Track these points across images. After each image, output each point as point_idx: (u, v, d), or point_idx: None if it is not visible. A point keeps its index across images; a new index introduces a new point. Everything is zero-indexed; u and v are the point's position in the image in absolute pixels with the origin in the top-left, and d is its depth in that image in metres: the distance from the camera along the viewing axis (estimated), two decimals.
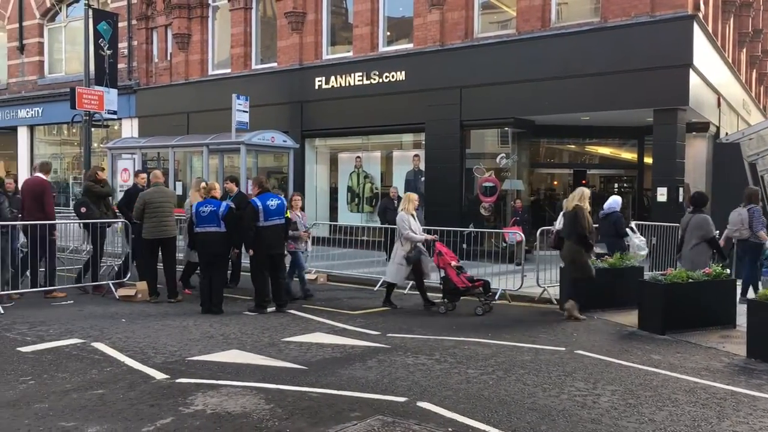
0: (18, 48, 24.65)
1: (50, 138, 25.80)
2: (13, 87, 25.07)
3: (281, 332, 8.34)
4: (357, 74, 17.10)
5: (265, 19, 19.84)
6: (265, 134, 15.81)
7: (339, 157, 18.81)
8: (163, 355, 7.13)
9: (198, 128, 19.20)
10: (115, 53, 19.34)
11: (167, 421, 5.09)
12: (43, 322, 8.65)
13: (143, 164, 17.57)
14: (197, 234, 9.63)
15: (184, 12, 20.31)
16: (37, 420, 5.10)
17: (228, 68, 19.99)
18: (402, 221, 10.08)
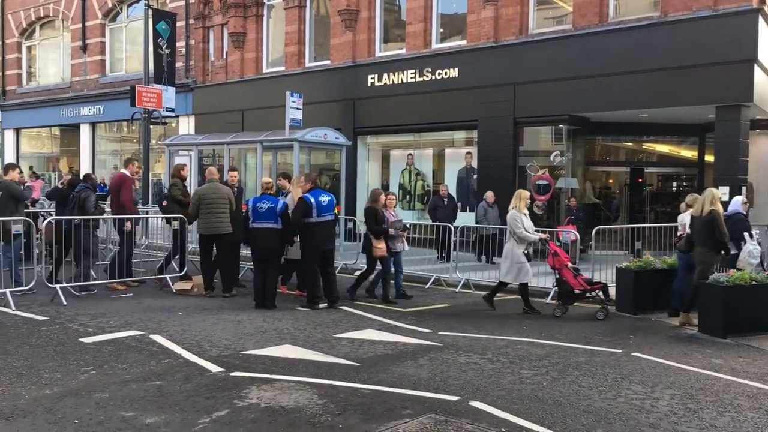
0: (81, 47, 25.41)
1: (110, 135, 26.53)
2: (76, 85, 25.86)
3: (333, 328, 8.39)
4: (409, 71, 17.08)
5: (319, 17, 19.99)
6: (318, 131, 15.93)
7: (391, 155, 18.83)
8: (218, 348, 7.25)
9: (252, 125, 19.47)
10: (173, 52, 19.76)
11: (222, 414, 5.17)
12: (103, 314, 8.90)
13: (199, 161, 17.92)
14: (252, 230, 9.74)
15: (239, 11, 20.61)
16: (98, 409, 5.25)
17: (282, 66, 20.21)
18: (515, 220, 9.80)
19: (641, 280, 9.85)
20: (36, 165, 27.88)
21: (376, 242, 10.18)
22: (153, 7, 19.60)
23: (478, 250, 13.80)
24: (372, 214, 10.25)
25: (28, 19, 27.69)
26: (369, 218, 10.28)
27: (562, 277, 9.62)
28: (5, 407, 5.24)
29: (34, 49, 28.54)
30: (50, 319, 8.52)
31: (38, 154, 29.22)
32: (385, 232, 10.28)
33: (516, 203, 9.96)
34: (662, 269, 9.99)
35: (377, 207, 10.33)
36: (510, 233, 9.99)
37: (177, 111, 20.03)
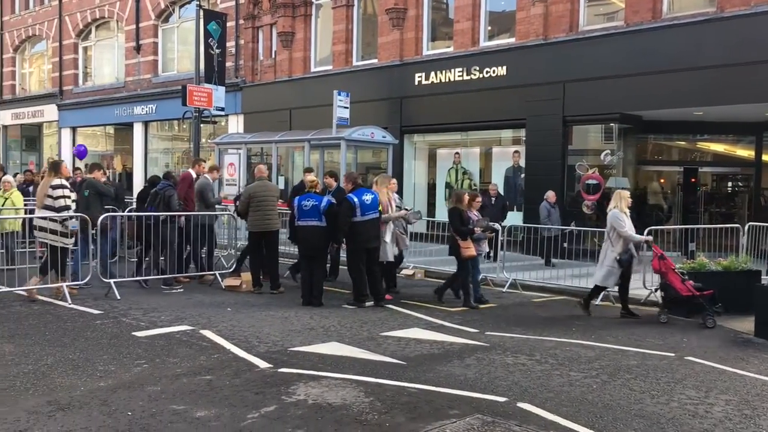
0: (135, 48, 26.00)
1: (162, 133, 27.07)
2: (129, 85, 26.47)
3: (379, 326, 8.40)
4: (457, 70, 16.99)
5: (366, 16, 20.04)
6: (364, 130, 15.98)
7: (437, 153, 18.77)
8: (266, 344, 7.33)
9: (300, 124, 19.63)
10: (224, 52, 20.06)
11: (271, 409, 5.23)
12: (155, 308, 9.09)
13: (248, 159, 18.17)
14: (298, 227, 9.83)
15: (288, 11, 20.81)
16: (150, 402, 5.36)
17: (329, 65, 20.33)
18: (617, 219, 9.41)
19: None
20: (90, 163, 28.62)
21: (463, 243, 9.89)
22: (204, 7, 19.93)
23: (546, 252, 13.34)
24: (457, 214, 9.99)
25: (84, 20, 28.46)
26: (454, 219, 10.00)
27: (667, 281, 9.19)
28: (62, 398, 5.40)
29: (90, 50, 29.30)
30: (104, 313, 8.74)
31: (93, 152, 29.92)
32: (471, 232, 10.03)
33: (617, 203, 9.55)
34: (717, 272, 9.73)
35: (462, 207, 10.11)
36: (606, 235, 9.56)
37: (226, 110, 20.31)
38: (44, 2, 30.64)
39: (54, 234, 9.53)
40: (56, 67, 29.71)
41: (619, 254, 9.37)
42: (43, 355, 6.68)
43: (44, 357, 6.60)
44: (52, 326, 7.93)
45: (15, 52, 32.61)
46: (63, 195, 9.60)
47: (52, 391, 5.59)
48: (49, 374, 6.04)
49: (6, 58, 32.82)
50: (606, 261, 9.50)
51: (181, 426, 4.87)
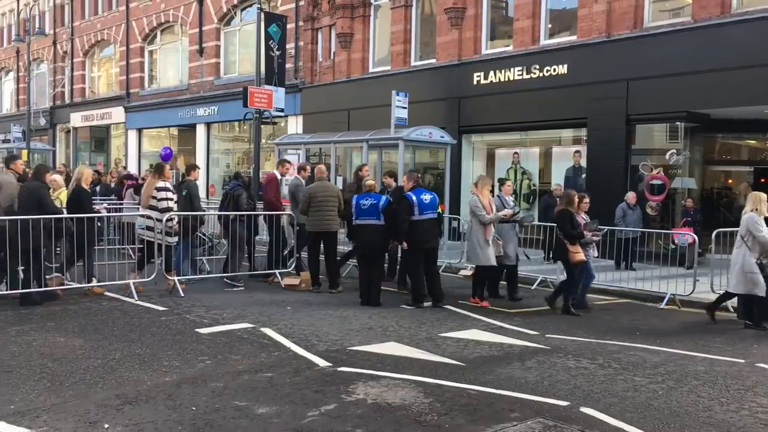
0: (198, 51, 26.59)
1: (223, 134, 27.61)
2: (193, 87, 27.09)
3: (438, 327, 8.36)
4: (516, 68, 16.79)
5: (424, 16, 20.00)
6: (422, 130, 15.94)
7: (496, 153, 18.59)
8: (325, 343, 7.39)
9: (358, 124, 19.72)
10: (284, 54, 20.31)
11: (330, 408, 5.26)
12: (218, 306, 9.27)
13: (306, 159, 18.34)
14: (356, 226, 9.86)
15: (347, 12, 20.95)
16: (213, 397, 5.47)
17: (388, 65, 20.37)
18: (755, 223, 8.79)
19: None
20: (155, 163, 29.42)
21: (572, 248, 9.46)
22: (265, 10, 20.22)
23: (616, 255, 12.95)
24: (567, 217, 9.55)
25: (150, 25, 29.27)
26: (564, 222, 9.54)
27: None
28: (130, 392, 5.55)
29: (155, 54, 30.13)
30: (169, 309, 8.96)
31: (157, 153, 30.81)
32: (581, 236, 9.60)
33: (756, 205, 8.94)
34: None
35: (572, 210, 9.69)
36: (740, 239, 9.01)
37: (286, 111, 20.54)
38: (112, 8, 31.66)
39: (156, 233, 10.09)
40: (123, 71, 30.66)
41: (758, 259, 8.82)
42: (111, 349, 6.89)
43: (112, 351, 6.80)
44: (119, 322, 8.18)
45: (85, 57, 33.81)
46: (166, 197, 10.23)
47: (120, 384, 5.76)
48: (117, 368, 6.23)
49: (76, 62, 34.05)
50: (744, 266, 8.82)
51: (243, 422, 4.94)
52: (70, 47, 34.16)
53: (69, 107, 34.56)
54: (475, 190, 10.04)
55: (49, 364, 6.32)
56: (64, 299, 9.41)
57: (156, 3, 28.74)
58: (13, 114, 38.38)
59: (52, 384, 5.74)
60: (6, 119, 38.56)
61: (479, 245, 9.78)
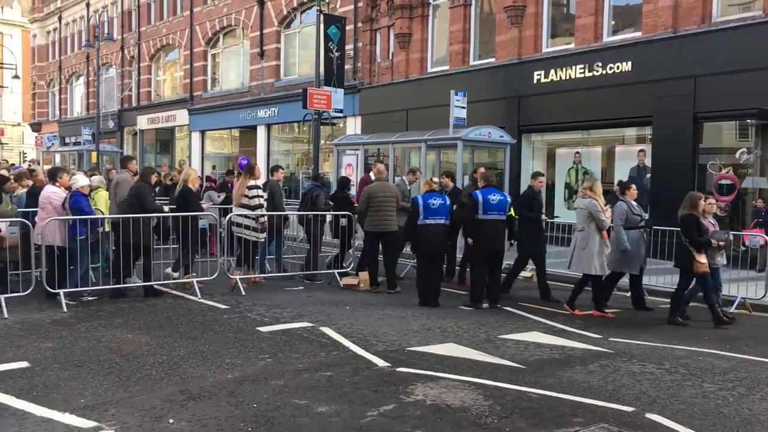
0: (258, 54, 27.03)
1: (283, 136, 28.00)
2: (253, 90, 27.55)
3: (497, 329, 8.27)
4: (578, 66, 16.46)
5: (483, 15, 19.82)
6: (481, 130, 15.80)
7: (556, 153, 18.27)
8: (384, 343, 7.39)
9: (416, 125, 19.69)
10: (342, 55, 20.47)
11: (389, 408, 5.26)
12: (278, 305, 9.39)
13: (365, 160, 18.43)
14: (422, 226, 9.75)
15: (405, 12, 20.94)
16: (273, 395, 5.53)
17: (446, 65, 20.27)
18: None
19: None
20: (218, 165, 30.07)
21: (698, 256, 8.73)
22: (324, 12, 20.41)
23: None
24: (693, 222, 8.85)
25: (213, 29, 29.92)
26: (689, 228, 8.84)
27: None
28: (193, 388, 5.67)
29: (217, 57, 30.77)
30: (231, 308, 9.13)
31: (220, 154, 31.48)
32: (709, 244, 8.90)
33: None
34: None
35: (697, 214, 8.97)
36: None
37: (345, 112, 20.69)
38: (177, 13, 32.49)
39: (248, 230, 10.69)
40: (187, 74, 31.43)
41: None
42: (176, 346, 7.06)
43: (176, 348, 6.97)
44: (183, 319, 8.37)
45: (151, 61, 34.81)
46: (257, 195, 10.78)
47: (184, 381, 5.89)
48: (181, 365, 6.37)
49: (143, 66, 35.09)
50: None
51: (304, 420, 4.98)
52: (137, 52, 35.23)
53: (136, 110, 35.65)
54: (590, 193, 9.44)
55: (117, 359, 6.52)
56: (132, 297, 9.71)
57: (218, 7, 29.36)
58: (83, 117, 39.83)
59: (119, 379, 5.91)
60: (77, 122, 40.06)
61: (596, 253, 9.21)
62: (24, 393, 5.49)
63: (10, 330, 7.64)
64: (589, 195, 9.44)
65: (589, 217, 9.28)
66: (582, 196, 9.59)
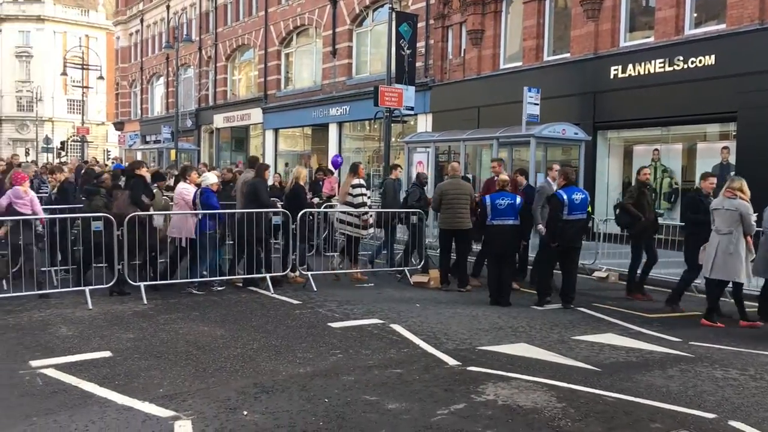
0: (331, 52, 27.32)
1: (354, 133, 28.21)
2: (325, 88, 27.87)
3: (571, 330, 8.09)
4: (657, 61, 15.92)
5: (558, 10, 19.42)
6: (555, 126, 15.49)
7: (634, 150, 17.72)
8: (454, 341, 7.34)
9: (487, 122, 19.48)
10: (414, 52, 20.41)
11: (460, 407, 5.22)
12: (348, 301, 9.47)
13: (436, 157, 18.36)
14: (491, 226, 9.68)
15: (478, 8, 20.74)
16: (344, 391, 5.58)
17: (519, 61, 19.98)
18: None
19: None
20: (290, 162, 30.56)
21: None
22: (396, 10, 20.42)
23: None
24: None
25: (286, 28, 30.42)
26: None
27: None
28: (266, 381, 5.78)
29: (291, 56, 31.28)
30: (302, 303, 9.26)
31: (292, 152, 32.00)
32: None
33: None
34: None
35: None
36: None
37: (416, 109, 20.65)
38: (252, 13, 33.19)
39: (350, 226, 11.15)
40: (261, 73, 32.07)
41: None
42: (250, 340, 7.21)
43: (250, 342, 7.12)
44: (257, 313, 8.54)
45: (227, 61, 35.68)
46: (361, 193, 11.19)
47: (258, 374, 6.01)
48: (255, 358, 6.50)
49: (219, 66, 36.01)
50: None
51: (374, 416, 5.00)
52: (214, 52, 36.18)
53: (212, 109, 36.63)
54: (739, 193, 8.72)
55: (194, 351, 6.71)
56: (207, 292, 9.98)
57: (292, 7, 29.83)
58: (163, 116, 41.22)
59: (196, 370, 6.08)
60: (157, 121, 41.49)
61: (744, 258, 8.52)
62: (107, 381, 5.71)
63: (95, 321, 7.97)
64: (739, 196, 8.72)
65: (738, 220, 8.58)
66: (729, 196, 8.76)
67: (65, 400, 5.27)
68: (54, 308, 8.58)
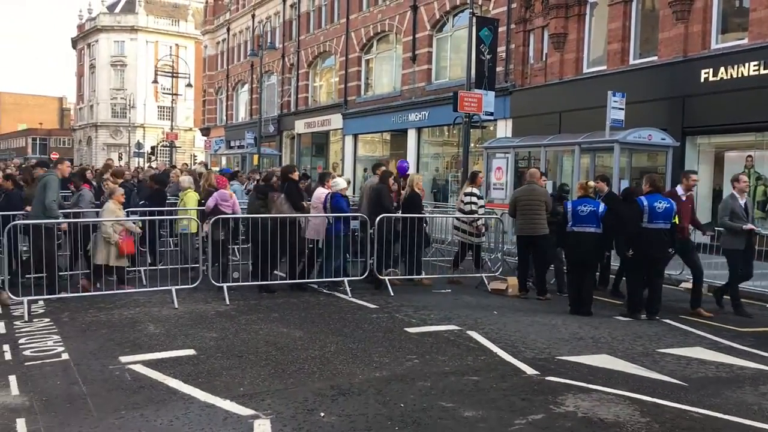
0: (411, 58, 27.43)
1: (433, 139, 28.19)
2: (405, 93, 27.98)
3: (656, 342, 7.81)
4: (752, 63, 15.19)
5: (645, 12, 18.84)
6: (641, 132, 15.02)
7: (725, 156, 16.97)
8: (532, 351, 7.21)
9: (569, 127, 19.09)
10: (494, 57, 20.24)
11: (538, 418, 5.11)
12: (425, 306, 9.44)
13: (515, 163, 18.12)
14: (571, 233, 9.46)
15: (561, 12, 20.37)
16: (420, 396, 5.56)
17: (603, 65, 19.48)
18: None
19: None
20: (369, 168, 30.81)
21: None
22: (477, 14, 20.32)
23: None
24: None
25: (367, 35, 30.74)
26: None
27: None
28: (343, 383, 5.83)
29: (371, 62, 31.58)
30: (379, 307, 9.29)
31: (371, 157, 32.22)
32: None
33: None
34: None
35: None
36: None
37: (495, 114, 20.47)
38: (334, 21, 33.72)
39: (464, 233, 11.54)
40: (342, 80, 32.51)
41: None
42: (327, 342, 7.29)
43: (328, 344, 7.20)
44: (335, 317, 8.64)
45: (308, 68, 36.37)
46: (471, 201, 11.49)
47: (334, 376, 6.07)
48: (332, 360, 6.58)
49: (301, 73, 36.75)
50: None
51: (450, 423, 4.96)
52: (296, 59, 36.94)
53: (293, 115, 37.39)
54: None
55: (273, 352, 6.85)
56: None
57: (373, 14, 30.12)
58: (247, 122, 42.37)
59: (275, 371, 6.20)
60: (241, 127, 42.69)
61: None
62: (191, 379, 5.90)
63: (180, 320, 8.25)
64: None
65: None
66: None
67: (151, 396, 5.48)
68: (142, 306, 8.94)
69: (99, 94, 73.87)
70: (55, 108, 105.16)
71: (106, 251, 9.43)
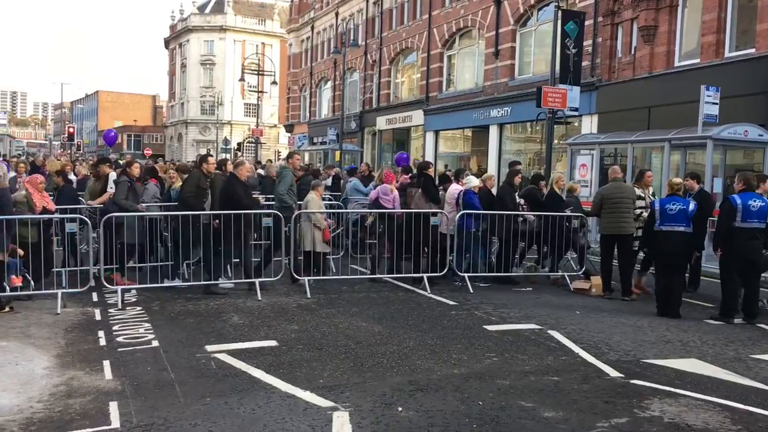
0: (493, 53, 27.09)
1: (515, 135, 27.78)
2: (487, 89, 27.68)
3: (750, 348, 7.45)
4: None
5: (742, 2, 17.92)
6: (736, 128, 14.33)
7: None
8: (616, 353, 7.01)
9: (659, 123, 18.41)
10: (580, 51, 19.76)
11: (622, 421, 4.97)
12: (505, 304, 9.34)
13: (601, 160, 17.64)
14: (659, 233, 9.14)
15: (652, 3, 19.64)
16: (498, 395, 5.51)
17: (696, 58, 18.67)
18: None
19: None
20: (450, 164, 30.67)
21: None
22: (563, 8, 19.87)
23: None
24: None
25: (449, 31, 30.57)
26: None
27: None
28: (421, 379, 5.85)
29: (453, 58, 31.39)
30: (459, 304, 9.25)
31: (452, 153, 32.09)
32: None
33: None
34: None
35: None
36: None
37: (580, 110, 19.98)
38: (416, 17, 33.69)
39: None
40: (424, 76, 32.47)
41: None
42: (406, 338, 7.32)
43: (406, 340, 7.23)
44: (413, 313, 8.66)
45: (390, 64, 36.50)
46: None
47: (413, 371, 6.09)
48: (410, 356, 6.60)
49: (383, 69, 36.92)
50: None
51: (529, 423, 4.89)
52: (379, 56, 37.15)
53: (375, 111, 37.63)
54: None
55: (352, 345, 6.93)
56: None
57: (456, 9, 29.92)
58: (329, 119, 42.96)
59: (354, 364, 6.28)
60: (324, 123, 43.33)
61: None
62: (272, 369, 6.05)
63: (263, 311, 8.47)
64: None
65: None
66: None
67: (235, 384, 5.65)
68: (227, 297, 9.22)
69: (189, 92, 76.57)
70: (148, 105, 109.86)
71: (311, 237, 10.13)
